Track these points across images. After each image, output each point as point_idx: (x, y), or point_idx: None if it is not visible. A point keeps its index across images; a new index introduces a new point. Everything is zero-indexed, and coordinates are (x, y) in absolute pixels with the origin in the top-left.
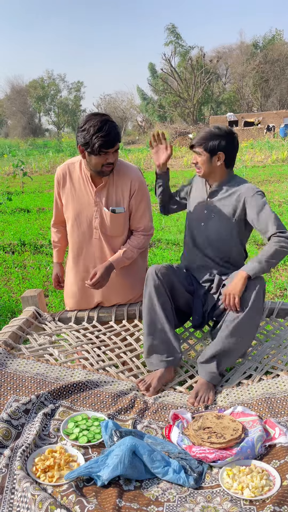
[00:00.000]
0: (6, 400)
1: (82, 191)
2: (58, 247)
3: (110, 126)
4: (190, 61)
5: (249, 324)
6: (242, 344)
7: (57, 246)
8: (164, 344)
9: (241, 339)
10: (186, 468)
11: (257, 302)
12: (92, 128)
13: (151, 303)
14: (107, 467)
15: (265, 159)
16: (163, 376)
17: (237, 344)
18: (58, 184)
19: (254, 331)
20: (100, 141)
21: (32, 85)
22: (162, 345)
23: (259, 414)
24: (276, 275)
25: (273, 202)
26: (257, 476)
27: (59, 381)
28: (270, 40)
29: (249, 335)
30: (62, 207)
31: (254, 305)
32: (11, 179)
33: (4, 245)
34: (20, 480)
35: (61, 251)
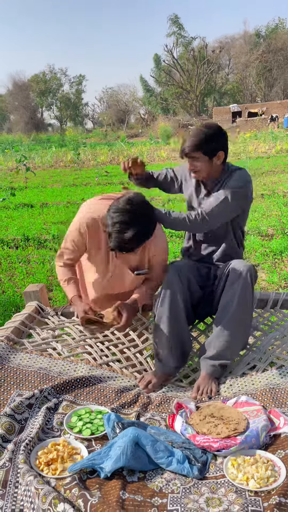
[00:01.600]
0: (9, 394)
1: (105, 248)
2: (74, 279)
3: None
4: (192, 52)
5: (241, 312)
6: (238, 333)
7: (73, 279)
8: (180, 352)
9: (236, 328)
10: (190, 458)
11: (246, 288)
12: (117, 225)
13: (173, 306)
14: (109, 459)
15: (269, 150)
16: (165, 377)
17: (232, 334)
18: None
19: (248, 318)
20: (114, 245)
21: (34, 79)
22: (178, 352)
23: (263, 404)
24: (280, 266)
25: (277, 193)
26: (262, 466)
27: (62, 376)
28: (273, 29)
29: (243, 323)
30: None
31: (243, 292)
32: (14, 174)
33: (8, 240)
34: (24, 473)
35: (77, 284)
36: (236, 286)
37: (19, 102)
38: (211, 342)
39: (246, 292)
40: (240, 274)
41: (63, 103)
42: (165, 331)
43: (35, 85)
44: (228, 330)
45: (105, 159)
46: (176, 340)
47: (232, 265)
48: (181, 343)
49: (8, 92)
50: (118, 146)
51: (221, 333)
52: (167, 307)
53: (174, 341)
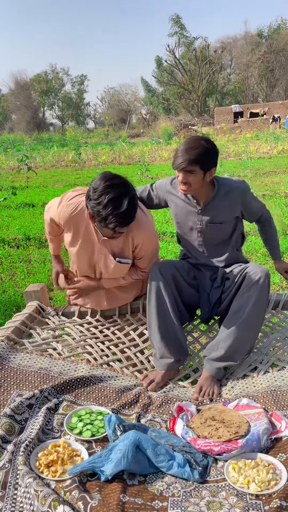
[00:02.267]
0: (9, 395)
1: (89, 237)
2: (53, 239)
3: (128, 204)
4: (194, 52)
5: (254, 317)
6: (248, 337)
7: (52, 239)
8: (174, 347)
9: (247, 333)
10: (191, 462)
11: (262, 293)
12: (110, 204)
13: (159, 304)
14: (110, 462)
15: (270, 150)
16: (168, 374)
17: (243, 338)
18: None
19: (260, 323)
20: (117, 222)
21: (35, 79)
22: (172, 347)
23: (265, 407)
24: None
25: (279, 194)
26: (263, 470)
27: (62, 376)
28: (275, 29)
29: (255, 328)
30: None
31: (260, 297)
32: (15, 174)
33: (9, 240)
34: (23, 475)
35: (58, 242)
36: (253, 290)
37: (21, 102)
38: (218, 343)
39: (262, 297)
40: (258, 279)
41: (65, 102)
42: (155, 328)
43: (37, 84)
44: (239, 334)
45: (106, 159)
46: (168, 336)
47: (249, 269)
48: (175, 339)
49: (10, 91)
50: (119, 146)
51: (231, 336)
52: (153, 305)
53: (167, 338)
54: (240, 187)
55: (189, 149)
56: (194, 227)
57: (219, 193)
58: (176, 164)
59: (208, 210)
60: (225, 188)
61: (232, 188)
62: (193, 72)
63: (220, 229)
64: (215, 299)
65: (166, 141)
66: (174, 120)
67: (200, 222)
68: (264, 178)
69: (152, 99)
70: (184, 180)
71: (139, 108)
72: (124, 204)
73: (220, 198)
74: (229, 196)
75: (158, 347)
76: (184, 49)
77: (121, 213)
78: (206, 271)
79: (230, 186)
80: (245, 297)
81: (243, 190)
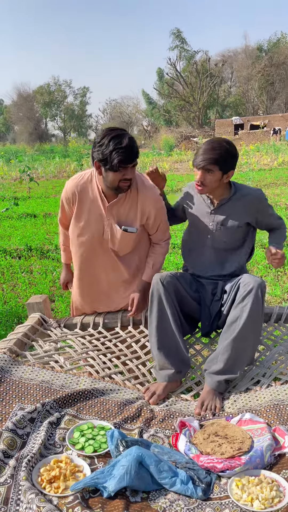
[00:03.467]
0: (11, 408)
1: (94, 206)
2: (67, 249)
3: (129, 141)
4: (195, 65)
5: (250, 327)
6: (245, 348)
7: (65, 248)
8: (175, 358)
9: (243, 344)
10: (194, 479)
11: (256, 303)
12: (111, 142)
13: (160, 315)
14: (113, 478)
15: (271, 162)
16: (170, 385)
17: (240, 349)
18: (67, 202)
19: (257, 334)
20: (121, 156)
21: (38, 91)
22: (173, 358)
23: (268, 421)
24: (283, 278)
25: (279, 205)
26: (267, 487)
27: (64, 389)
28: (275, 43)
29: (252, 338)
30: (69, 217)
31: (253, 307)
32: (17, 184)
33: (11, 250)
34: (26, 491)
35: (70, 252)
36: (247, 301)
37: (24, 113)
38: (217, 356)
39: (257, 307)
40: (251, 289)
41: (67, 114)
42: (155, 340)
43: (40, 96)
44: (236, 346)
45: None
46: (169, 347)
47: (242, 279)
48: (176, 350)
49: (13, 103)
50: None
51: (228, 348)
52: (155, 316)
53: (167, 349)
54: (256, 193)
55: (211, 149)
56: (205, 229)
57: (235, 196)
58: (197, 162)
59: (221, 211)
60: (241, 192)
61: (248, 193)
62: (194, 85)
63: (231, 234)
64: (215, 312)
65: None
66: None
67: (212, 223)
68: (265, 190)
69: (153, 111)
70: (202, 179)
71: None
72: (125, 140)
73: (235, 200)
74: (244, 200)
75: (158, 359)
76: (185, 62)
77: (123, 147)
78: (208, 284)
79: (247, 191)
80: (239, 308)
81: (259, 196)
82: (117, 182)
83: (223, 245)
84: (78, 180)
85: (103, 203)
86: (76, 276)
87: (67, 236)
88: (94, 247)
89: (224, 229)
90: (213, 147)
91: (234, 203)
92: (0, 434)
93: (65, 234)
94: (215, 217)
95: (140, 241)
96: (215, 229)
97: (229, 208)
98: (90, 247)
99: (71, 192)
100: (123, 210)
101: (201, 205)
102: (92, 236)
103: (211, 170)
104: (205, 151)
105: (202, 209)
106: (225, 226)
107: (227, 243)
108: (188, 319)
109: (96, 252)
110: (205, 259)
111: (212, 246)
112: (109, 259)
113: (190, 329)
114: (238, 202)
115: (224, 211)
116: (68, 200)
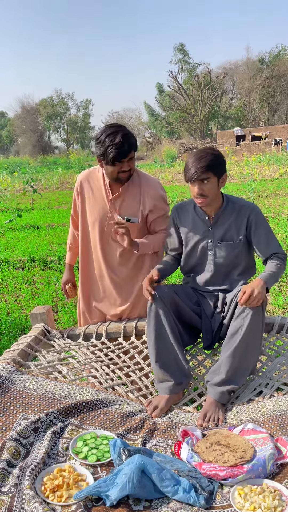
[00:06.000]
0: (15, 418)
1: (100, 197)
2: (73, 249)
3: (123, 137)
4: (196, 78)
5: (251, 338)
6: (247, 358)
7: (72, 248)
8: (174, 370)
9: (245, 354)
10: (196, 487)
11: (257, 313)
12: (107, 139)
13: (157, 328)
14: (115, 486)
15: (273, 173)
16: (172, 398)
17: (242, 359)
18: (76, 190)
19: (258, 344)
20: (114, 152)
21: (42, 104)
22: (172, 370)
23: (270, 432)
24: (286, 289)
25: (281, 216)
26: (269, 496)
27: (68, 399)
28: (276, 55)
29: (253, 349)
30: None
31: (254, 318)
32: (21, 196)
33: (14, 261)
34: (29, 500)
35: (75, 253)
36: (247, 311)
37: (27, 126)
38: (219, 368)
39: (257, 318)
40: None
41: (70, 126)
42: (154, 352)
43: (43, 109)
44: (238, 356)
45: None
46: (167, 360)
47: (242, 290)
48: (175, 362)
49: (16, 115)
50: None
51: (230, 359)
52: (152, 328)
53: (165, 361)
54: (250, 205)
55: (199, 158)
56: (204, 246)
57: (228, 207)
58: (190, 176)
59: (219, 226)
60: (234, 204)
61: (242, 205)
62: (195, 97)
63: (231, 248)
64: (217, 325)
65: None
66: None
67: (211, 240)
68: (267, 200)
69: (155, 123)
70: (200, 191)
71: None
72: (118, 137)
73: (229, 212)
74: (238, 213)
75: (157, 372)
76: (187, 74)
77: (116, 144)
78: (210, 297)
79: (240, 203)
80: (240, 319)
81: (253, 207)
82: (116, 174)
83: (224, 260)
84: (87, 172)
85: (107, 195)
86: (80, 278)
87: (75, 236)
88: (96, 239)
89: (223, 245)
90: (200, 157)
91: (229, 215)
92: (4, 443)
93: (73, 234)
94: (214, 233)
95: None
96: (215, 246)
97: (226, 221)
98: (93, 237)
99: (78, 182)
100: (126, 201)
101: (197, 224)
102: (95, 226)
103: (206, 178)
104: (194, 162)
105: (198, 227)
106: (224, 241)
107: (227, 259)
108: (189, 330)
109: (97, 244)
110: (206, 277)
111: (213, 264)
112: (111, 251)
113: (191, 340)
114: (232, 214)
115: (221, 225)
116: (76, 191)
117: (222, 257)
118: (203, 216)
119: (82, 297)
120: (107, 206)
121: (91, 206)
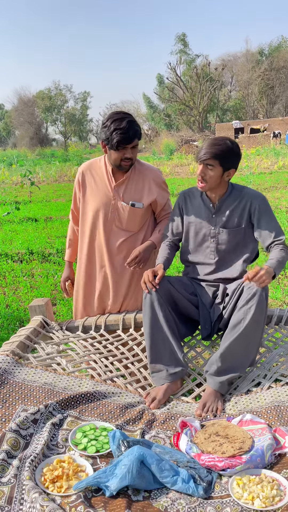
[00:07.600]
0: (14, 410)
1: (103, 184)
2: (72, 245)
3: (129, 123)
4: (195, 70)
5: (254, 329)
6: (248, 350)
7: (72, 245)
8: (169, 360)
9: (246, 345)
10: (195, 477)
11: (260, 306)
12: (112, 124)
13: (153, 320)
14: (115, 477)
15: (271, 166)
16: (169, 388)
17: (243, 350)
18: (78, 181)
19: (259, 335)
20: (119, 137)
21: (39, 96)
22: (167, 360)
23: (268, 422)
24: (284, 281)
25: (280, 208)
26: (267, 486)
27: (67, 391)
28: (276, 47)
29: (255, 340)
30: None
31: (258, 310)
32: (19, 188)
33: (12, 254)
34: (29, 490)
35: (74, 249)
36: (251, 304)
37: (24, 118)
38: (219, 358)
39: (261, 310)
40: (255, 293)
41: (67, 118)
42: (149, 343)
43: (40, 101)
44: (238, 347)
45: None
46: (162, 350)
47: (246, 282)
48: (170, 352)
49: (13, 107)
50: None
51: (231, 350)
52: (147, 319)
53: (161, 352)
54: (255, 193)
55: (213, 144)
56: (207, 233)
57: (232, 194)
58: (199, 156)
59: (222, 212)
60: (239, 192)
61: (247, 192)
62: (194, 89)
63: (233, 235)
64: (217, 316)
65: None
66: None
67: (214, 227)
68: (266, 193)
69: (154, 115)
70: (202, 174)
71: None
72: (124, 123)
73: (232, 199)
74: (242, 200)
75: (153, 362)
76: (186, 66)
77: (121, 129)
78: (209, 288)
79: (245, 191)
80: (243, 311)
81: (257, 195)
82: (119, 160)
83: (226, 247)
84: (89, 163)
85: (110, 183)
86: (78, 270)
87: (75, 232)
88: (99, 226)
89: (226, 231)
90: (216, 143)
91: (232, 201)
92: (4, 435)
93: (73, 229)
94: (217, 220)
95: (144, 224)
96: (218, 232)
97: (230, 208)
98: (95, 226)
99: (80, 172)
100: (129, 190)
101: (200, 210)
102: (99, 214)
103: (211, 165)
104: (208, 145)
105: (202, 214)
106: (227, 228)
107: (230, 245)
108: (186, 321)
109: (100, 232)
110: (208, 264)
111: (215, 250)
112: (115, 238)
113: (188, 332)
114: (236, 200)
115: (224, 211)
116: (78, 181)
117: (224, 243)
118: (208, 203)
119: (81, 289)
120: (111, 193)
121: (94, 195)
